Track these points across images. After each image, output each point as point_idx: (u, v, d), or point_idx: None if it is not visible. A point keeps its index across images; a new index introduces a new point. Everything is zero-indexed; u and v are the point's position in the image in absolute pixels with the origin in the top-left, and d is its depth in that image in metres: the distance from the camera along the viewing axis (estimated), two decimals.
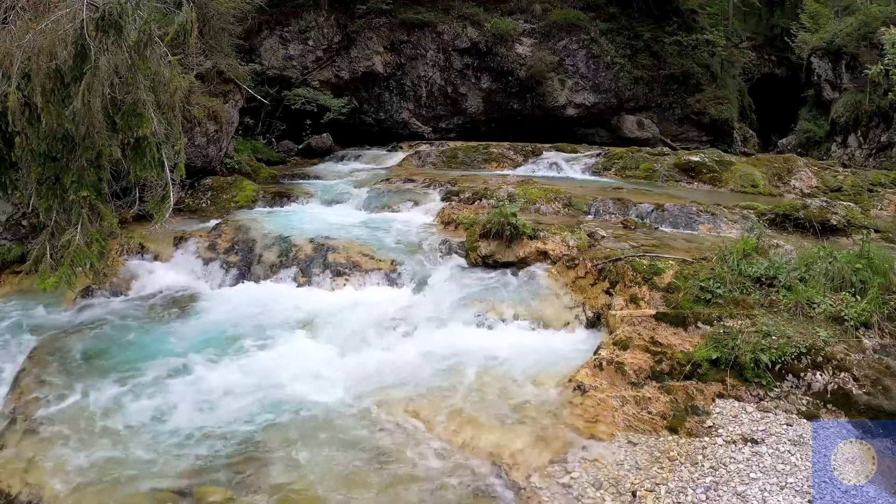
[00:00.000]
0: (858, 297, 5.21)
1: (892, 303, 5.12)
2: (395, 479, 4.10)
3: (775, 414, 4.46)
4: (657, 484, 3.87)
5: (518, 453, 4.26)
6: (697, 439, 4.28)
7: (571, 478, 3.97)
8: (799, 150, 18.38)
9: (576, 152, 15.22)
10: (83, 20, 5.12)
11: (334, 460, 4.30)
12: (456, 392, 5.14)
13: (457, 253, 7.98)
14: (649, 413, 4.55)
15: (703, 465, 4.02)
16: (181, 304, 7.11)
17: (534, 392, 5.09)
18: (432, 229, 9.00)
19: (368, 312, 6.67)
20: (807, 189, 11.81)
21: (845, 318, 5.00)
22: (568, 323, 6.44)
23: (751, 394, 4.65)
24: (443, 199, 10.39)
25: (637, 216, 9.15)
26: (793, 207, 8.74)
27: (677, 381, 4.81)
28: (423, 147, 16.26)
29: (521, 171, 13.96)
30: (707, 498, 3.74)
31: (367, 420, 4.79)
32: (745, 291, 5.59)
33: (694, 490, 3.80)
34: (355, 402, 5.03)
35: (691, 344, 5.06)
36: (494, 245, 7.67)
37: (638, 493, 3.80)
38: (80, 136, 5.38)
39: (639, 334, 5.29)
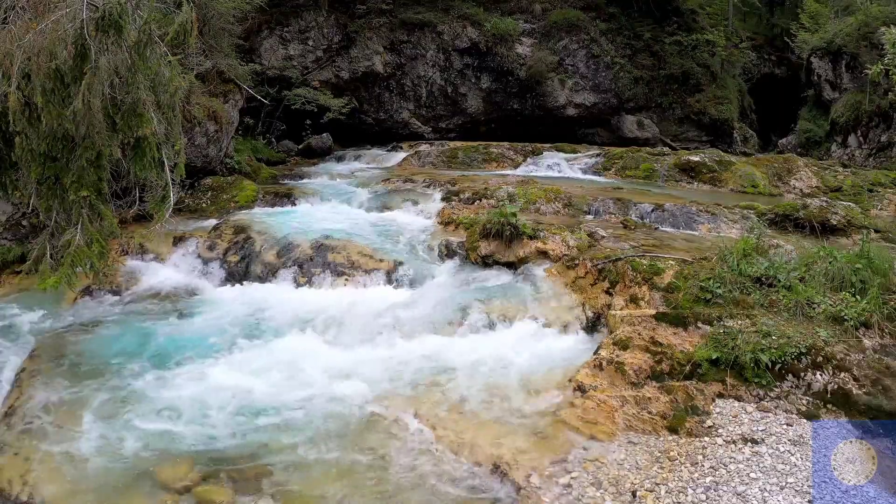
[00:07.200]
0: (858, 297, 5.20)
1: (892, 303, 5.11)
2: (394, 478, 4.10)
3: (775, 414, 4.46)
4: (657, 484, 3.86)
5: (518, 453, 4.26)
6: (697, 439, 4.28)
7: (571, 478, 3.97)
8: (799, 150, 18.39)
9: (576, 152, 15.23)
10: (83, 20, 5.12)
11: (332, 460, 4.30)
12: (455, 392, 5.14)
13: (457, 253, 7.98)
14: (649, 413, 4.55)
15: (703, 465, 4.02)
16: (180, 304, 7.11)
17: (534, 392, 5.08)
18: (432, 229, 9.01)
19: (368, 312, 6.66)
20: (807, 189, 11.81)
21: (845, 318, 4.99)
22: (568, 323, 6.43)
23: (751, 394, 4.65)
24: (443, 199, 10.38)
25: (637, 216, 9.16)
26: (793, 207, 8.74)
27: (677, 381, 4.81)
28: (423, 147, 16.26)
29: (520, 171, 13.97)
30: (707, 498, 3.74)
31: (366, 419, 4.79)
32: (745, 291, 5.59)
33: (694, 490, 3.80)
34: (355, 401, 5.02)
35: (691, 344, 5.06)
36: (494, 245, 7.66)
37: (638, 493, 3.80)
38: (80, 136, 5.38)
39: (639, 334, 5.28)
